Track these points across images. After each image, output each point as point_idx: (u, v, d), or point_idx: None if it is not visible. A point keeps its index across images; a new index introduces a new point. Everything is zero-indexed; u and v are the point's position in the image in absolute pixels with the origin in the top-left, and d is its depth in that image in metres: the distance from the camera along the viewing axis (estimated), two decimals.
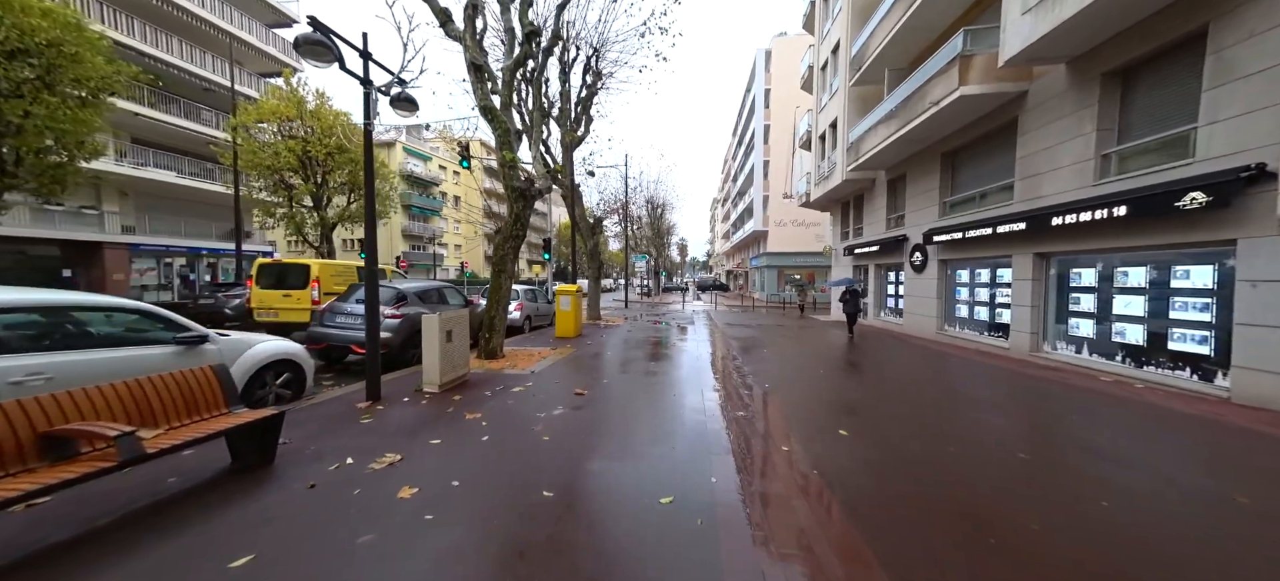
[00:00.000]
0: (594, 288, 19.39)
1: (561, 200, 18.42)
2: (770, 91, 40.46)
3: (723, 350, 11.16)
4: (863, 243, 17.85)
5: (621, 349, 11.06)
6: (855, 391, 7.02)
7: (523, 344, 11.77)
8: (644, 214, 45.94)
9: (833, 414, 5.78)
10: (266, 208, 17.85)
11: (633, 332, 14.46)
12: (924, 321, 13.61)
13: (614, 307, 27.83)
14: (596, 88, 17.15)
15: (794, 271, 40.81)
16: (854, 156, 16.04)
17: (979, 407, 6.18)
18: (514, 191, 9.05)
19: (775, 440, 4.77)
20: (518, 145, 9.45)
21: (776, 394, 6.80)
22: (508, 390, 6.65)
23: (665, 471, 3.90)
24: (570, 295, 13.27)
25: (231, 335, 5.18)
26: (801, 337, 13.96)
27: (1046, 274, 9.20)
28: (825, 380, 7.79)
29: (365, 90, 5.61)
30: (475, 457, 4.12)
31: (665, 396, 6.49)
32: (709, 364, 9.24)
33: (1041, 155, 9.05)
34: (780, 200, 40.70)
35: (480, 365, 8.56)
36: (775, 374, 8.31)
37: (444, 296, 10.10)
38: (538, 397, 6.28)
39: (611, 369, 8.64)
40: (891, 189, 16.20)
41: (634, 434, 4.84)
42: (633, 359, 9.69)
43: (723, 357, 10.08)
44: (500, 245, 9.26)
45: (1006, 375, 8.17)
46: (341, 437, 4.50)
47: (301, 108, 16.82)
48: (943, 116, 10.74)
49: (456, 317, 6.79)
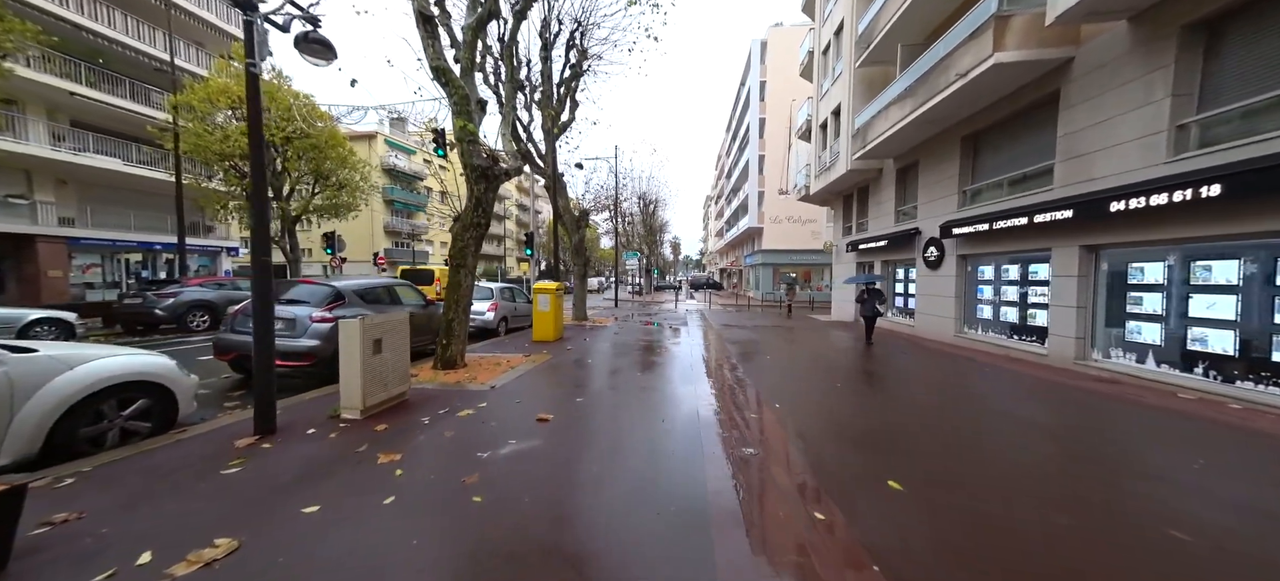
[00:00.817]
0: (580, 286, 17.98)
1: (545, 191, 16.97)
2: (766, 84, 39.20)
3: (718, 355, 9.81)
4: (868, 238, 16.58)
5: (604, 355, 9.67)
6: (888, 414, 5.68)
7: (494, 349, 10.34)
8: (635, 210, 44.62)
9: (870, 452, 4.43)
10: (219, 199, 16.21)
11: (620, 335, 13.07)
12: (939, 323, 12.35)
13: (603, 307, 26.43)
14: (581, 68, 15.72)
15: (789, 269, 39.63)
16: (860, 144, 14.75)
17: (1052, 438, 4.87)
18: (474, 171, 7.62)
19: (806, 500, 3.40)
20: (480, 117, 8.02)
21: (792, 418, 5.45)
22: (453, 414, 5.24)
23: (645, 559, 2.53)
24: (549, 294, 11.85)
25: (44, 349, 3.72)
26: (805, 341, 12.65)
27: (1095, 269, 7.93)
28: (847, 399, 6.45)
29: (245, 21, 4.16)
30: (352, 543, 2.71)
31: (649, 423, 5.11)
32: (704, 374, 7.88)
33: (1092, 131, 7.77)
34: (776, 196, 39.49)
35: (433, 378, 7.14)
36: (785, 388, 6.96)
37: (395, 296, 8.65)
38: (489, 426, 4.87)
39: (588, 382, 7.25)
40: (901, 179, 14.94)
41: (604, 487, 3.45)
42: (615, 369, 8.31)
43: (719, 365, 8.73)
44: (458, 235, 7.83)
45: (1058, 390, 6.88)
46: (167, 504, 3.07)
47: None
48: (970, 91, 9.45)
49: (388, 323, 5.36)
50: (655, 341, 11.88)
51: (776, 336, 13.52)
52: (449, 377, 7.23)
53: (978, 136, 11.17)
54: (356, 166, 19.93)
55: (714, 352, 10.27)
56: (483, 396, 6.17)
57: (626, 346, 10.97)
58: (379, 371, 5.19)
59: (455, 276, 7.89)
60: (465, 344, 8.11)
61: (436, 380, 7.04)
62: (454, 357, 7.83)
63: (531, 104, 16.20)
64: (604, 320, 17.94)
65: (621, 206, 42.88)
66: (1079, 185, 7.93)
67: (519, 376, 7.50)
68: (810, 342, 12.35)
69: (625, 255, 40.56)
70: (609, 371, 8.09)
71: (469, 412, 5.35)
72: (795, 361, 9.36)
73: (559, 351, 10.10)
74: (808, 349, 11.12)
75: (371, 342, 5.05)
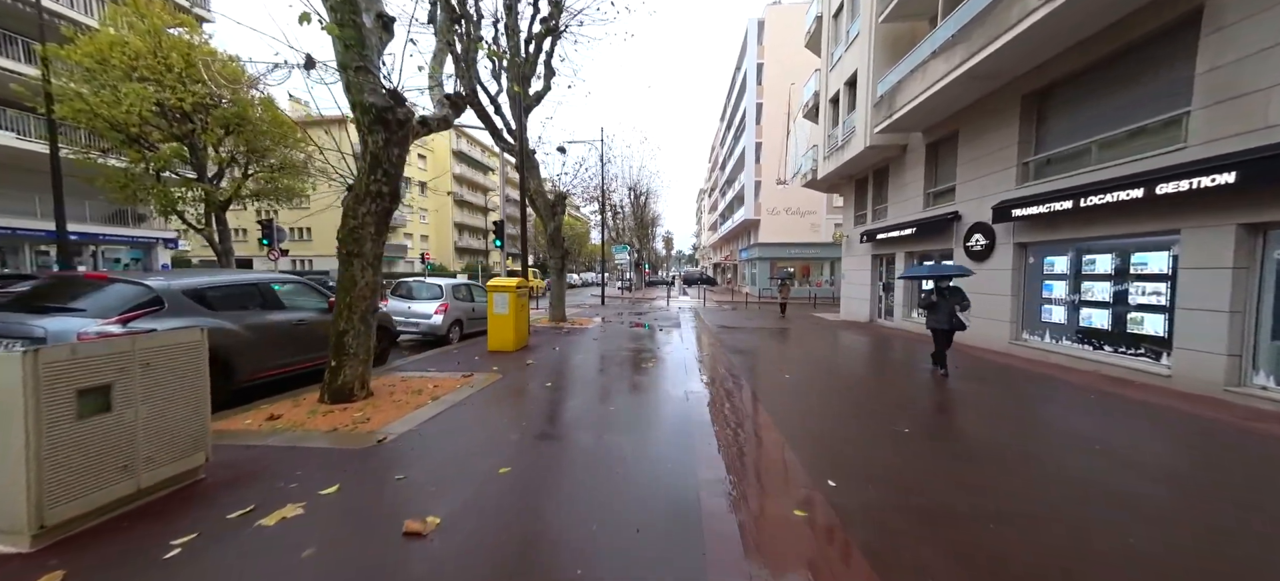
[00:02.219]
0: (557, 282, 15.54)
1: (515, 172, 14.50)
2: (763, 67, 36.83)
3: (721, 369, 7.46)
4: (888, 226, 14.29)
5: (572, 375, 7.28)
6: (1022, 505, 3.34)
7: (432, 365, 7.91)
8: (626, 202, 42.14)
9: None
10: (116, 177, 13.51)
11: (599, 343, 10.68)
12: (989, 327, 10.08)
13: (589, 306, 24.00)
14: (555, 25, 13.24)
15: (787, 263, 37.42)
16: (884, 113, 12.42)
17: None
18: (365, 113, 5.16)
19: None
20: (382, 41, 5.53)
21: (863, 518, 3.08)
22: (264, 509, 2.84)
23: None
24: (507, 293, 9.42)
25: None
26: (822, 349, 10.33)
27: (1262, 258, 5.65)
28: (932, 463, 4.12)
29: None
30: None
31: (617, 527, 2.72)
32: (706, 406, 5.54)
33: (1262, 60, 5.47)
34: (774, 187, 37.20)
35: (300, 421, 4.70)
36: (825, 441, 4.62)
37: (273, 299, 6.17)
38: (320, 544, 2.46)
39: (541, 420, 4.87)
40: (932, 155, 12.65)
41: None
42: (581, 402, 5.93)
43: (724, 388, 6.38)
44: (349, 211, 5.37)
45: (1223, 435, 4.63)
46: None
47: (158, 39, 12.52)
48: (1057, 24, 7.12)
49: (132, 352, 2.91)
50: (640, 351, 9.49)
51: (786, 344, 11.19)
52: (327, 420, 4.80)
53: (1047, 92, 8.86)
54: (301, 144, 17.24)
55: (717, 367, 7.90)
56: (358, 459, 3.79)
57: (603, 361, 8.57)
58: (99, 448, 2.73)
59: (348, 269, 5.45)
60: (367, 365, 5.66)
61: (302, 426, 4.61)
62: (347, 386, 5.40)
63: (500, 71, 13.71)
64: (585, 322, 15.54)
65: (610, 198, 40.55)
66: (1238, 138, 5.63)
67: (438, 414, 5.09)
68: (828, 353, 10.04)
69: (614, 249, 38.16)
70: (571, 406, 5.70)
71: (298, 511, 2.94)
72: (825, 390, 7.03)
73: (515, 368, 7.69)
74: (830, 367, 8.81)
75: (72, 397, 2.60)
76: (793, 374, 7.57)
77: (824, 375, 7.62)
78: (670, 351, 9.65)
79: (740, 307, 24.28)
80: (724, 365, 8.29)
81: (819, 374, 7.65)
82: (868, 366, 8.67)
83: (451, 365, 7.94)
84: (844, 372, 7.94)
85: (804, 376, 7.43)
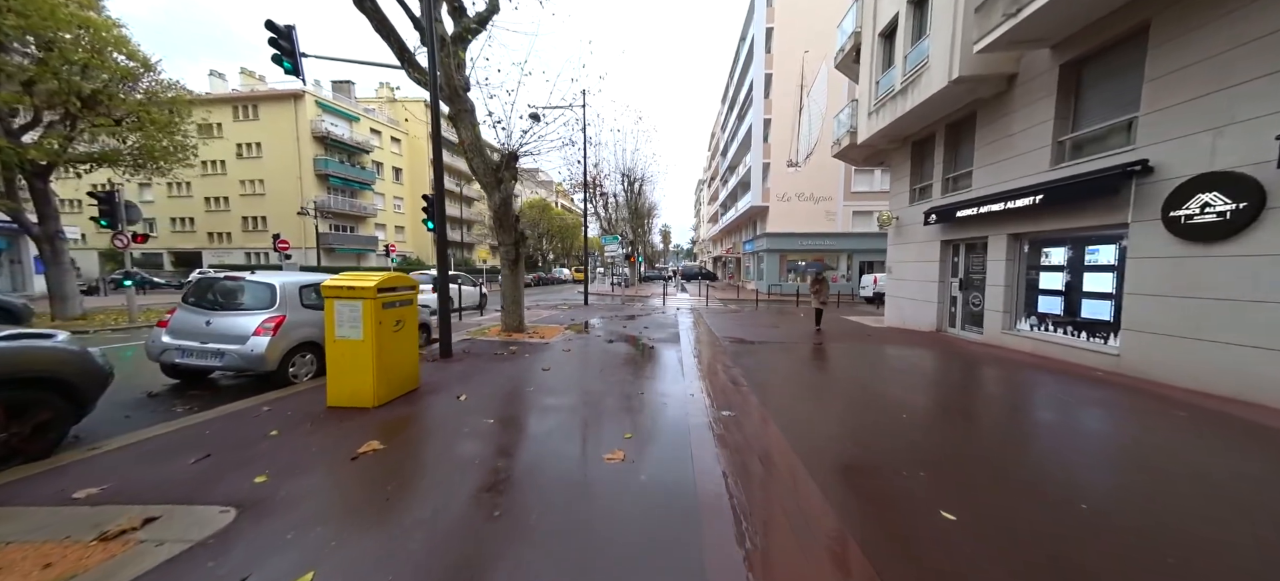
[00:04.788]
0: (510, 278, 11.13)
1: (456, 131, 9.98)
2: (773, 31, 32.32)
3: (776, 470, 3.08)
4: (981, 197, 9.91)
5: (454, 484, 2.83)
6: None
7: (188, 445, 3.46)
8: (619, 191, 37.64)
9: None
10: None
11: (553, 376, 6.30)
12: (1208, 356, 5.76)
13: (568, 306, 19.49)
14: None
15: (800, 256, 33.06)
16: (998, 15, 7.97)
17: None
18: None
19: None
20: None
21: None
22: None
23: None
24: (360, 301, 5.02)
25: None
26: (922, 394, 5.96)
27: None
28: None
29: None
30: None
31: None
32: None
33: None
34: (784, 169, 32.84)
35: None
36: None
37: None
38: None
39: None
40: (1071, 81, 8.26)
41: None
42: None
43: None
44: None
45: None
46: None
47: None
48: None
49: None
50: (614, 401, 5.07)
51: (855, 385, 6.81)
52: None
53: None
54: (167, 110, 12.64)
55: (770, 522, 3.50)
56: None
57: (532, 442, 4.15)
58: None
59: None
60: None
61: None
62: None
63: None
64: (551, 331, 11.19)
65: (603, 185, 35.99)
66: None
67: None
68: (986, 419, 5.66)
69: (604, 240, 33.70)
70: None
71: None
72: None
73: (334, 462, 3.29)
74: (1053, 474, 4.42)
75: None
76: (947, 501, 3.18)
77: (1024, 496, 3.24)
78: (663, 400, 5.25)
79: (749, 308, 19.92)
80: (779, 454, 3.89)
81: (1012, 494, 3.28)
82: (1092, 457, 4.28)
83: (230, 450, 3.52)
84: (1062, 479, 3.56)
85: (972, 505, 3.05)
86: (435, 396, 5.57)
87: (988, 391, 6.35)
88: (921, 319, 12.65)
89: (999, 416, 5.23)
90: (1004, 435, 4.58)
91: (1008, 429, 4.81)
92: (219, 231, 40.66)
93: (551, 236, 62.09)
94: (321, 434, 4.23)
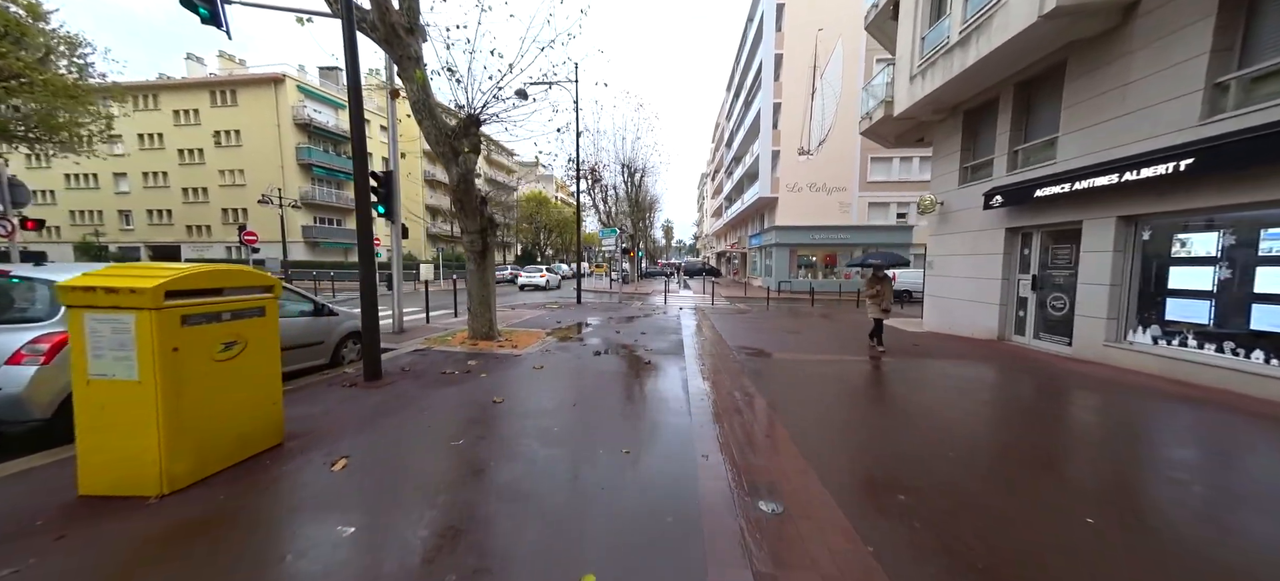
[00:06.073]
0: (476, 273, 8.95)
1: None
2: (784, 7, 29.94)
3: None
4: (1079, 171, 7.69)
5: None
6: None
7: None
8: (619, 182, 35.33)
9: None
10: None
11: (494, 423, 4.08)
12: None
13: (556, 306, 17.22)
14: None
15: (811, 251, 30.84)
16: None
17: None
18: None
19: None
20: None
21: None
22: None
23: None
24: (129, 314, 2.81)
25: None
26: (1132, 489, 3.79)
27: None
28: None
29: None
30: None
31: None
32: None
33: None
34: (795, 159, 30.53)
35: None
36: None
37: None
38: None
39: None
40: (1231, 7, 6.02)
41: None
42: None
43: None
44: None
45: None
46: None
47: None
48: None
49: None
50: (581, 494, 2.88)
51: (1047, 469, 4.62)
52: None
53: None
54: (70, 94, 10.46)
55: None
56: None
57: (442, 544, 1.93)
58: None
59: None
60: None
61: None
62: None
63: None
64: (528, 338, 9.04)
65: (601, 177, 33.74)
66: None
67: None
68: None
69: (602, 233, 31.52)
70: None
71: None
72: None
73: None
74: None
75: None
76: None
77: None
78: (660, 468, 3.07)
79: (759, 308, 17.71)
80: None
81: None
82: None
83: None
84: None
85: None
86: (298, 462, 3.42)
87: (1196, 460, 4.15)
88: (976, 324, 10.44)
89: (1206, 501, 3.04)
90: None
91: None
92: (198, 224, 38.58)
93: (549, 230, 59.88)
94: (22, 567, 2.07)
